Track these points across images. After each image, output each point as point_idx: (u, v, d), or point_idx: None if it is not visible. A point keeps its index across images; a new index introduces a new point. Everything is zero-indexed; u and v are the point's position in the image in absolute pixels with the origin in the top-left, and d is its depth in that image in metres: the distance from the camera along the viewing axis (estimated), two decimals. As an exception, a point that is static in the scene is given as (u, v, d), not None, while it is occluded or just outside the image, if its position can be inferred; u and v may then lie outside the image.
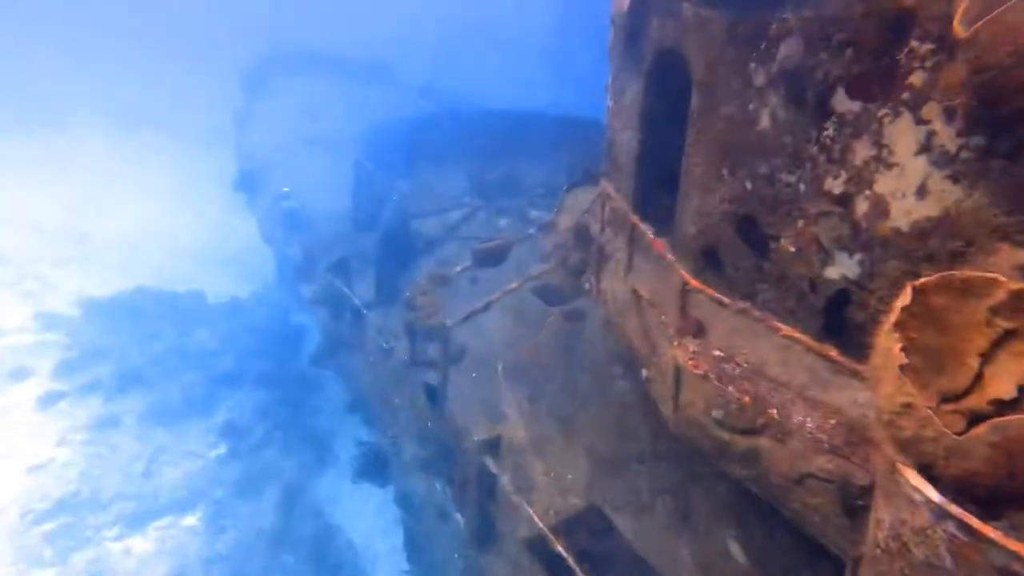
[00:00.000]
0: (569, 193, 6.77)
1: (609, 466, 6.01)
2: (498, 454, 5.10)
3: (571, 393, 7.20)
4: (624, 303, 4.31)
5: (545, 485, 5.88)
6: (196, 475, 10.25)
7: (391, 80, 20.50)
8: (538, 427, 6.63)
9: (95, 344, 12.78)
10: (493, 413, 6.92)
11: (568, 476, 6.00)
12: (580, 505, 5.60)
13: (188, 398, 11.73)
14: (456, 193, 12.87)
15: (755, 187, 3.49)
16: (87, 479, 9.41)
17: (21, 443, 9.97)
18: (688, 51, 3.64)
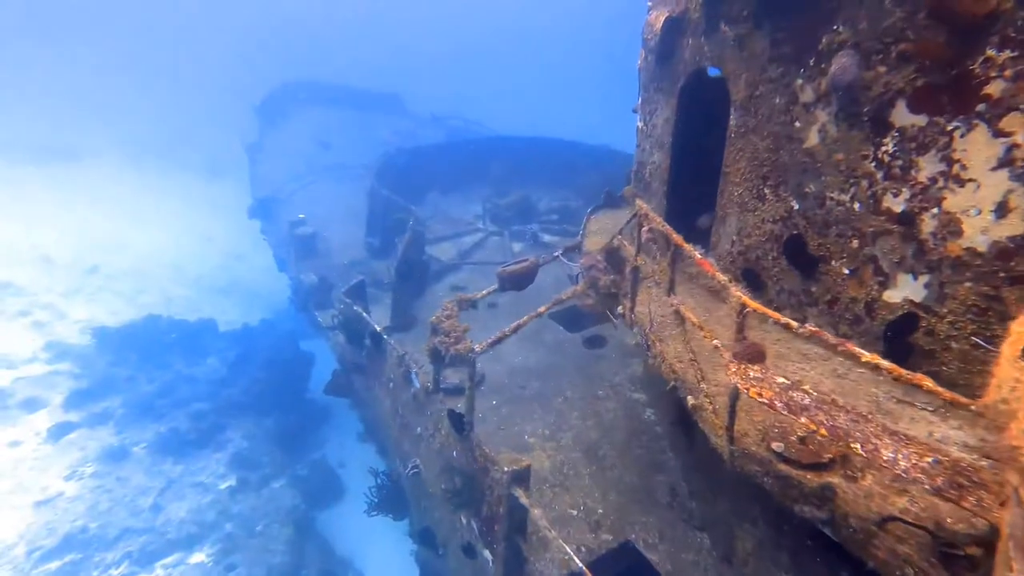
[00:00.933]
0: (593, 216, 6.68)
1: (640, 500, 5.74)
2: (528, 486, 4.86)
3: (596, 422, 6.97)
4: (664, 327, 4.14)
5: (574, 519, 5.62)
6: (205, 509, 9.94)
7: (401, 110, 20.88)
8: (563, 458, 6.40)
9: (106, 374, 12.65)
10: (516, 442, 6.68)
11: (598, 510, 5.73)
12: (612, 542, 5.32)
13: (198, 428, 11.51)
14: (469, 219, 12.91)
15: (803, 206, 3.38)
16: (95, 514, 9.13)
17: (30, 476, 9.75)
18: (727, 70, 3.59)
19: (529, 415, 7.11)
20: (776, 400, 2.42)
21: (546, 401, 7.34)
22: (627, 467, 6.18)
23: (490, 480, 5.14)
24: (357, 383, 8.71)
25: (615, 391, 7.45)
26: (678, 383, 3.78)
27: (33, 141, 29.15)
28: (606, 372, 7.83)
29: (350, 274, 10.08)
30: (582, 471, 6.21)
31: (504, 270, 5.67)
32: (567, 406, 7.22)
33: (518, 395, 7.50)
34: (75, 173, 27.17)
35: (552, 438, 6.72)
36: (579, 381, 7.69)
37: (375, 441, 9.78)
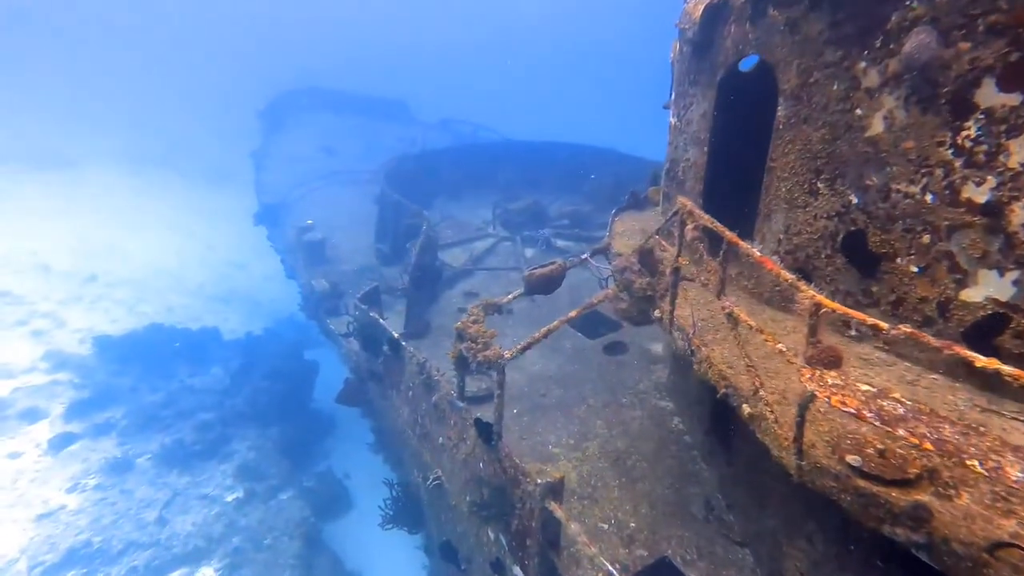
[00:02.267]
0: (617, 218, 6.50)
1: (674, 513, 5.50)
2: (562, 499, 4.63)
3: (622, 431, 6.74)
4: (708, 330, 3.93)
5: (606, 534, 5.37)
6: (212, 522, 9.65)
7: (406, 116, 20.77)
8: (590, 468, 6.16)
9: (108, 384, 12.38)
10: (540, 452, 6.45)
11: (630, 524, 5.49)
12: (648, 558, 5.07)
13: (203, 439, 11.24)
14: (478, 224, 12.73)
15: (863, 200, 3.18)
16: (99, 528, 8.84)
17: (31, 489, 9.46)
18: (775, 57, 3.42)
19: (552, 424, 6.88)
20: (864, 409, 2.21)
21: (568, 409, 7.12)
22: (658, 478, 5.94)
23: (521, 492, 4.90)
24: (372, 391, 8.46)
25: (639, 399, 7.23)
26: (730, 390, 3.56)
27: (31, 149, 29.02)
28: (629, 379, 7.61)
29: (361, 280, 9.87)
30: (610, 482, 5.97)
31: (532, 273, 5.47)
32: (591, 414, 7.00)
33: (539, 403, 7.27)
34: (74, 181, 27.01)
35: (577, 448, 6.49)
36: (601, 388, 7.46)
37: (388, 451, 9.52)
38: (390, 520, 8.21)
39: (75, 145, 30.68)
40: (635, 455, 6.32)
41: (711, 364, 3.75)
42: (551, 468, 6.00)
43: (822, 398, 2.39)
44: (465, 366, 5.39)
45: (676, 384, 6.94)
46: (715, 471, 5.70)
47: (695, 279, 3.85)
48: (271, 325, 16.20)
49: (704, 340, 4.02)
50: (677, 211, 3.93)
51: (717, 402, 5.67)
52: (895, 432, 2.04)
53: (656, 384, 7.49)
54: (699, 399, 6.20)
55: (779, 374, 3.54)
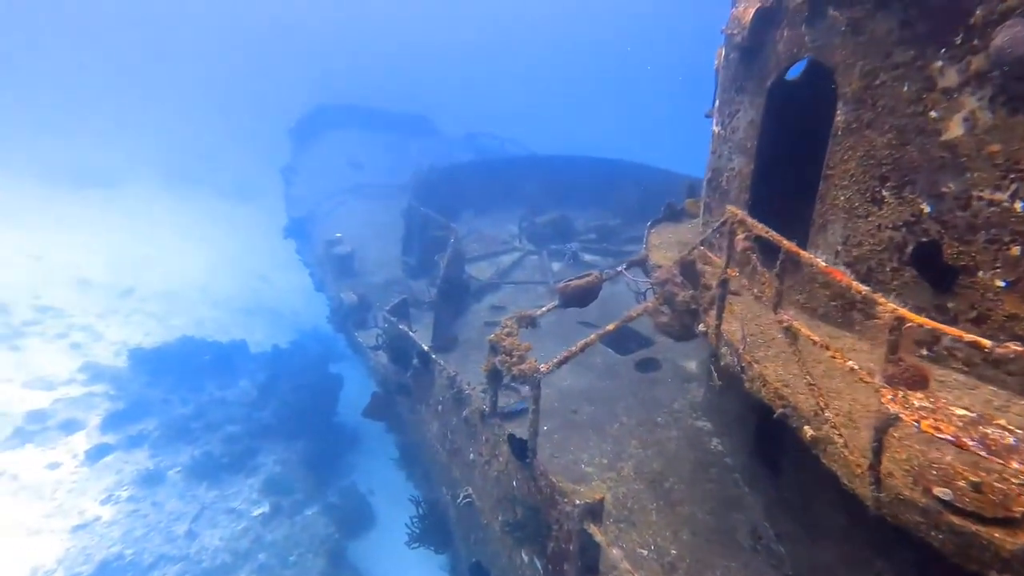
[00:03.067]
0: (653, 230, 6.33)
1: (718, 540, 5.21)
2: (602, 521, 4.42)
3: (657, 451, 6.48)
4: (760, 346, 3.72)
5: (645, 560, 5.11)
6: (239, 536, 9.63)
7: (431, 131, 21.03)
8: (626, 490, 5.91)
9: (141, 396, 12.62)
10: (572, 471, 6.22)
11: (671, 551, 5.21)
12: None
13: (231, 452, 11.30)
14: (504, 238, 12.67)
15: (938, 209, 2.96)
16: (131, 540, 8.91)
17: (68, 500, 9.62)
18: (834, 60, 3.25)
19: (584, 442, 6.66)
20: (964, 437, 1.99)
21: (601, 427, 6.88)
22: (698, 503, 5.65)
23: (558, 513, 4.70)
24: (400, 405, 8.37)
25: (675, 418, 6.96)
26: (788, 410, 3.33)
27: (73, 166, 30.32)
28: (663, 397, 7.34)
29: (388, 293, 9.87)
30: (648, 505, 5.71)
31: (567, 285, 5.33)
32: (624, 433, 6.75)
33: (570, 421, 7.06)
34: (111, 197, 28.08)
35: (611, 467, 6.25)
36: (634, 406, 7.21)
37: (415, 466, 9.38)
38: (417, 538, 8.04)
39: (113, 163, 31.99)
40: (672, 477, 6.05)
41: (765, 382, 3.53)
42: (584, 488, 5.78)
43: (908, 422, 2.18)
44: (498, 380, 5.25)
45: (714, 403, 6.65)
46: (761, 497, 5.39)
47: (740, 292, 3.66)
48: (296, 338, 16.36)
49: (755, 356, 3.80)
50: (725, 220, 3.76)
51: (762, 423, 5.39)
52: (1008, 465, 1.82)
53: (692, 403, 7.21)
54: (740, 419, 5.91)
55: (842, 394, 3.31)
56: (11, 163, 28.49)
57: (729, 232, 3.70)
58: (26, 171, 28.22)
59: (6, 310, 15.97)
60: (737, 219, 3.55)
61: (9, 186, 26.07)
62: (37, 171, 28.59)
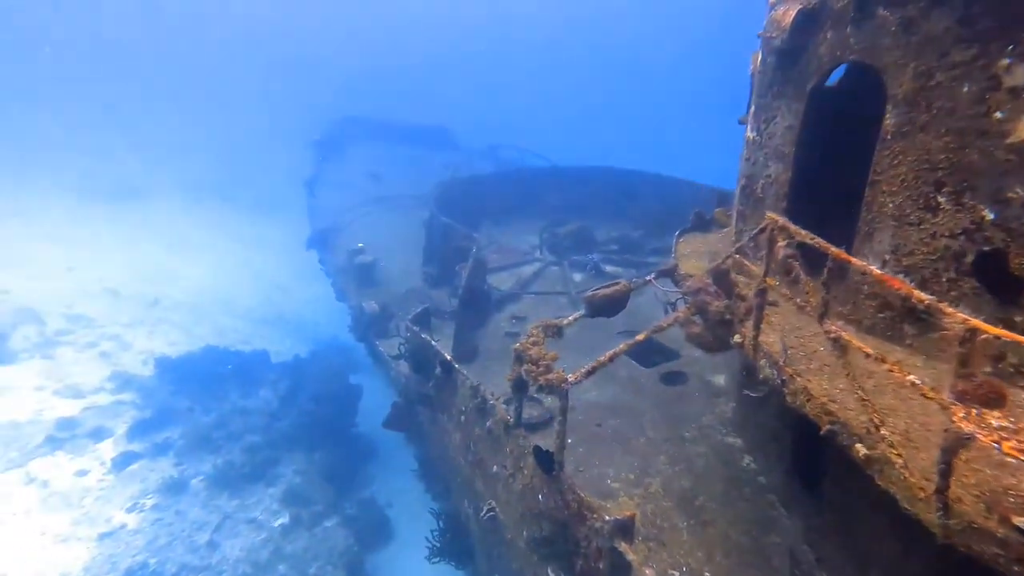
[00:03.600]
0: (682, 239, 6.19)
1: (753, 564, 4.97)
2: (633, 539, 4.25)
3: (686, 468, 6.27)
4: (804, 359, 3.55)
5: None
6: (259, 547, 9.61)
7: (451, 143, 21.23)
8: (654, 507, 5.71)
9: (166, 404, 12.79)
10: (598, 487, 6.05)
11: (704, 573, 5.00)
12: (729, 613, 4.58)
13: (252, 462, 11.34)
14: (525, 248, 12.62)
15: (1002, 216, 2.79)
16: (154, 549, 8.96)
17: (95, 507, 9.74)
18: (884, 62, 3.13)
19: (609, 457, 6.48)
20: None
21: (626, 441, 6.70)
22: (731, 523, 5.43)
23: (587, 529, 4.54)
24: (421, 416, 8.30)
25: (703, 433, 6.74)
26: (836, 427, 3.16)
27: (105, 181, 31.36)
28: (690, 412, 7.13)
29: (409, 303, 9.87)
30: (678, 524, 5.50)
31: (595, 294, 5.22)
32: (651, 448, 6.56)
33: (595, 434, 6.89)
34: (139, 211, 28.88)
35: (638, 484, 6.06)
36: (661, 421, 7.02)
37: (434, 478, 9.27)
38: (437, 553, 7.91)
39: (141, 178, 33.00)
40: (703, 495, 5.83)
41: (810, 396, 3.36)
42: (611, 504, 5.61)
43: (986, 443, 2.01)
44: (524, 390, 5.14)
45: (746, 418, 6.43)
46: (799, 519, 5.14)
47: (777, 302, 3.51)
48: (316, 348, 16.47)
49: (796, 369, 3.63)
50: (764, 227, 3.62)
51: (800, 440, 5.17)
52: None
53: (721, 418, 6.98)
54: (775, 436, 5.68)
55: (897, 411, 3.12)
56: (55, 180, 29.62)
57: (769, 239, 3.57)
58: (66, 187, 29.31)
59: (40, 319, 16.44)
60: (778, 225, 3.42)
61: (50, 202, 27.06)
62: (76, 187, 29.66)
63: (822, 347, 3.77)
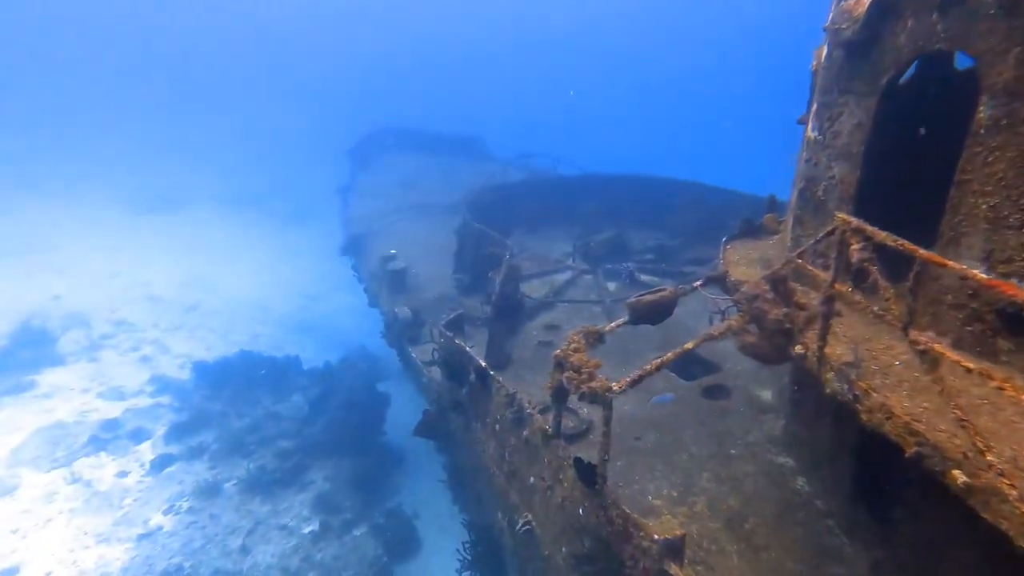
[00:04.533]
0: (729, 246, 5.92)
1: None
2: (683, 561, 3.98)
3: (733, 488, 5.93)
4: (878, 374, 3.26)
5: (731, 611, 4.59)
6: (290, 554, 9.61)
7: (483, 153, 21.31)
8: (700, 528, 5.40)
9: (202, 408, 13.03)
10: (638, 503, 5.76)
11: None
12: (789, 647, 4.23)
13: (283, 468, 11.41)
14: (557, 256, 12.44)
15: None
16: (189, 552, 9.06)
17: (135, 508, 9.96)
18: (978, 48, 2.87)
19: (650, 472, 6.19)
20: None
21: (668, 457, 6.40)
22: (786, 550, 5.07)
23: (632, 549, 4.29)
24: (453, 424, 8.16)
25: (751, 451, 6.37)
26: (926, 450, 2.86)
27: (149, 193, 32.74)
28: (735, 428, 6.77)
29: (441, 310, 9.80)
30: (727, 548, 5.17)
31: (639, 300, 4.99)
32: (694, 465, 6.24)
33: (634, 448, 6.61)
34: (180, 220, 30.00)
35: (682, 502, 5.75)
36: (704, 437, 6.68)
37: (464, 489, 9.09)
38: (468, 566, 7.71)
39: (183, 188, 34.32)
40: (753, 518, 5.48)
41: (890, 414, 3.06)
42: (653, 522, 5.32)
43: None
44: (564, 399, 4.94)
45: (800, 437, 6.05)
46: (866, 550, 4.75)
47: (841, 312, 3.24)
48: (346, 355, 16.56)
49: (873, 384, 3.33)
50: (834, 229, 3.36)
51: (866, 463, 4.79)
52: None
53: (769, 436, 6.60)
54: (833, 457, 5.31)
55: (997, 435, 2.81)
56: (106, 194, 31.14)
57: (839, 242, 3.30)
58: (115, 199, 30.75)
59: (87, 324, 17.09)
60: (852, 227, 3.16)
61: (100, 213, 28.40)
62: (123, 199, 31.07)
63: (899, 361, 3.47)
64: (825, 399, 4.01)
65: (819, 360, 3.71)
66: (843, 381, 3.47)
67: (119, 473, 10.80)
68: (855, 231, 3.13)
